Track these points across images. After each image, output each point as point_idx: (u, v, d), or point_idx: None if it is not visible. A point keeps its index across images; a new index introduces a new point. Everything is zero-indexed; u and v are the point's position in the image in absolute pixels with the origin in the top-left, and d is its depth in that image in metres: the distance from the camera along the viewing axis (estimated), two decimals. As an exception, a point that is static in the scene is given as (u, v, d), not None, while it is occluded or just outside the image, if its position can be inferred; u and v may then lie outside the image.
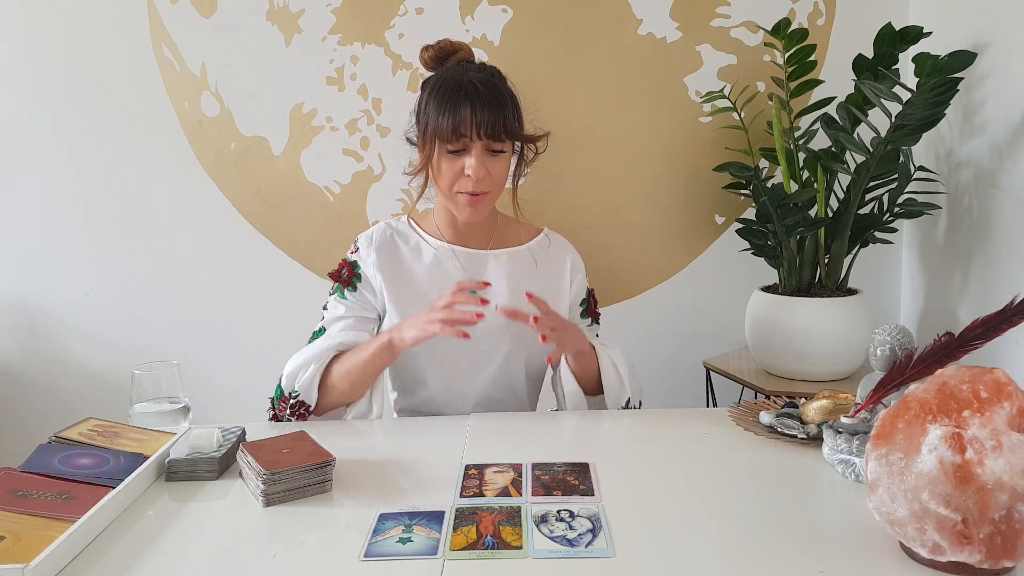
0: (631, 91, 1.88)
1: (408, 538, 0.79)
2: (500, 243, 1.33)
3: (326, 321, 1.29)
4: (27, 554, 0.70)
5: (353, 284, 1.28)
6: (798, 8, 1.85)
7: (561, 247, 1.38)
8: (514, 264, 1.32)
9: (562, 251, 1.37)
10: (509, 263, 1.31)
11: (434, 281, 1.28)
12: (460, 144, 1.17)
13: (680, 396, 2.01)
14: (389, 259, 1.29)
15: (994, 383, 0.70)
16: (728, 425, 1.11)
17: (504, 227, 1.35)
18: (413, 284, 1.28)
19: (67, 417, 1.16)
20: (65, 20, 1.86)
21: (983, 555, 0.66)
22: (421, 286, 1.28)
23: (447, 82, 1.18)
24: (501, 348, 1.28)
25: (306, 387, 1.16)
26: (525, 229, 1.36)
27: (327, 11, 1.85)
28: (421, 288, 1.27)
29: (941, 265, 1.77)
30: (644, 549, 0.76)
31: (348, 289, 1.28)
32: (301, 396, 1.16)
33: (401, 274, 1.28)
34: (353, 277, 1.28)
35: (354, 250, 1.32)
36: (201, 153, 1.92)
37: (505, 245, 1.33)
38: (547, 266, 1.34)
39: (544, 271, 1.33)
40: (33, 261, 1.97)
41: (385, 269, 1.27)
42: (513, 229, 1.35)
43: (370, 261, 1.28)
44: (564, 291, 1.35)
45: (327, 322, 1.29)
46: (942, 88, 1.44)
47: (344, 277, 1.29)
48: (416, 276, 1.28)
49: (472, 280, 1.26)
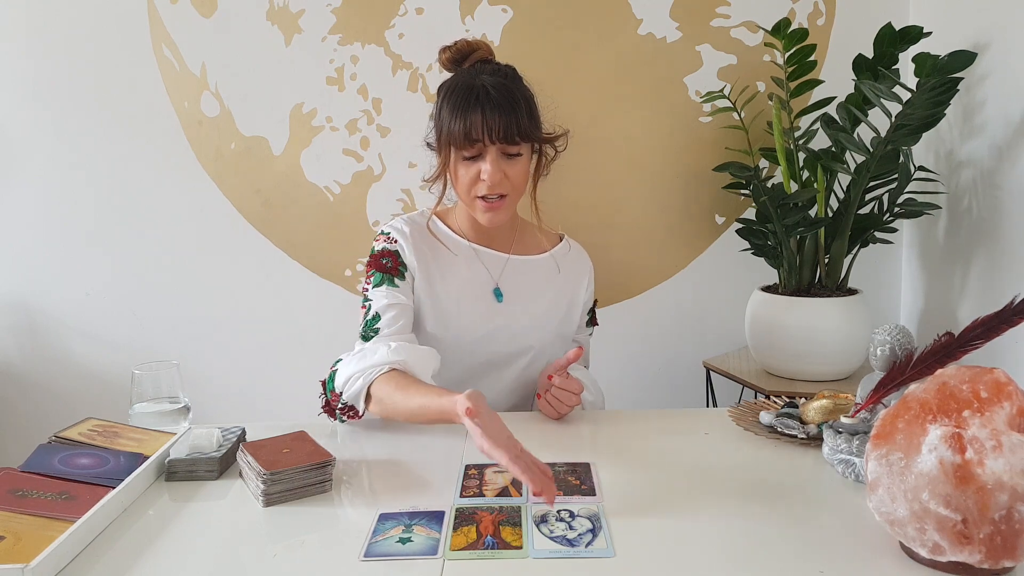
0: (631, 91, 1.88)
1: (408, 538, 0.79)
2: (521, 247, 1.33)
3: (377, 312, 1.21)
4: (27, 554, 0.70)
5: (401, 273, 1.24)
6: (798, 8, 1.85)
7: (579, 255, 1.38)
8: (536, 271, 1.32)
9: (580, 260, 1.38)
10: (531, 270, 1.31)
11: (463, 278, 1.27)
12: (475, 149, 1.16)
13: (680, 396, 2.01)
14: (424, 251, 1.26)
15: (994, 383, 0.70)
16: (728, 425, 1.11)
17: (524, 231, 1.35)
18: (443, 279, 1.26)
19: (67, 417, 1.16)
20: (65, 20, 1.86)
21: (983, 555, 0.66)
22: (450, 282, 1.26)
23: (459, 87, 1.17)
24: (524, 355, 1.29)
25: (354, 397, 1.12)
26: (546, 235, 1.36)
27: (327, 11, 1.85)
28: (449, 283, 1.26)
29: (941, 265, 1.76)
30: (644, 549, 0.76)
31: (398, 278, 1.23)
32: (351, 403, 1.14)
33: (433, 267, 1.26)
34: (400, 265, 1.24)
35: (390, 240, 1.26)
36: (201, 153, 1.92)
37: (526, 249, 1.33)
38: (567, 274, 1.34)
39: (564, 279, 1.33)
40: (33, 261, 1.97)
41: (420, 260, 1.25)
42: (533, 234, 1.35)
43: (408, 250, 1.25)
44: (580, 299, 1.36)
45: (380, 311, 1.21)
46: (942, 88, 1.44)
47: (390, 267, 1.24)
48: (446, 271, 1.27)
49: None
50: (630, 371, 2.00)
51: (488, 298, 1.27)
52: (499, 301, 1.27)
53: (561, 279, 1.33)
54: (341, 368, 1.15)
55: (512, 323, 1.26)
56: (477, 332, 1.25)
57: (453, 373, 1.27)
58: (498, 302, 1.27)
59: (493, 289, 1.27)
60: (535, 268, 1.32)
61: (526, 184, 1.24)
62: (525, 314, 1.28)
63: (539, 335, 1.29)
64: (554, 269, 1.33)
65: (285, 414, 2.00)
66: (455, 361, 1.26)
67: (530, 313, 1.28)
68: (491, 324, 1.26)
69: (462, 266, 1.27)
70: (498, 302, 1.27)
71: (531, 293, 1.29)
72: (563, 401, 1.15)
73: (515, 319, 1.27)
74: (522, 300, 1.28)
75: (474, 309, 1.26)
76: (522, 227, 1.35)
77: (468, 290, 1.26)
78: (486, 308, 1.26)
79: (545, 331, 1.30)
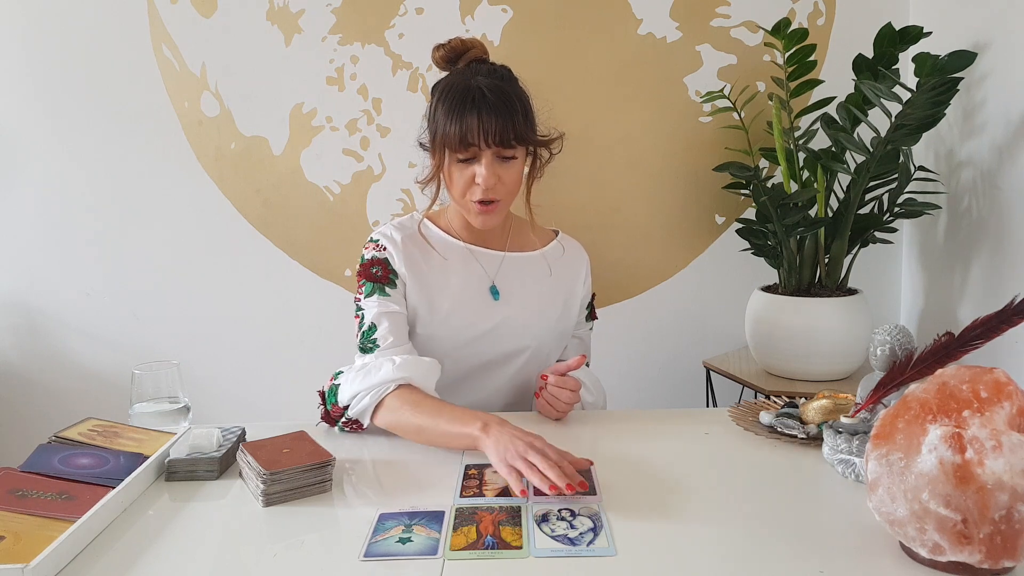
0: (631, 91, 1.88)
1: (408, 538, 0.79)
2: (516, 245, 1.32)
3: (372, 324, 1.20)
4: (27, 554, 0.70)
5: (392, 281, 1.23)
6: (798, 8, 1.85)
7: (575, 253, 1.37)
8: (532, 267, 1.31)
9: (576, 257, 1.37)
10: (525, 268, 1.31)
11: (458, 278, 1.26)
12: (469, 152, 1.15)
13: (680, 396, 2.01)
14: (414, 256, 1.25)
15: (994, 383, 0.70)
16: (728, 425, 1.11)
17: (518, 229, 1.34)
18: (437, 281, 1.25)
19: (67, 417, 1.16)
20: (65, 20, 1.86)
21: (983, 555, 0.66)
22: (445, 283, 1.26)
23: (454, 88, 1.16)
24: (522, 353, 1.28)
25: (360, 414, 1.12)
26: (539, 233, 1.35)
27: (327, 11, 1.85)
28: (444, 285, 1.25)
29: (941, 265, 1.77)
30: (645, 548, 0.76)
31: (388, 287, 1.23)
32: (355, 417, 1.13)
33: (425, 271, 1.25)
34: (390, 274, 1.23)
35: (379, 248, 1.25)
36: (201, 153, 1.92)
37: (520, 247, 1.33)
38: (561, 273, 1.33)
39: (558, 278, 1.33)
40: (33, 261, 1.97)
41: (411, 266, 1.24)
42: (527, 232, 1.35)
43: (398, 257, 1.24)
44: (578, 293, 1.35)
45: (375, 321, 1.20)
46: (942, 88, 1.44)
47: (380, 276, 1.23)
48: (440, 273, 1.26)
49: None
50: (630, 371, 2.00)
51: (484, 296, 1.26)
52: (496, 299, 1.27)
53: (557, 274, 1.33)
54: (345, 385, 1.13)
55: (509, 320, 1.26)
56: (475, 331, 1.25)
57: (451, 373, 1.26)
58: (495, 300, 1.27)
59: (489, 287, 1.27)
60: (531, 264, 1.32)
61: (519, 187, 1.23)
62: (523, 311, 1.27)
63: (537, 332, 1.28)
64: (546, 270, 1.32)
65: (285, 414, 2.00)
66: (453, 361, 1.26)
67: (527, 310, 1.28)
68: (488, 322, 1.25)
69: (457, 267, 1.27)
70: (495, 300, 1.27)
71: (527, 290, 1.29)
72: (559, 398, 1.15)
73: (512, 316, 1.26)
74: (519, 297, 1.28)
75: (471, 308, 1.25)
76: (516, 224, 1.35)
77: (464, 290, 1.26)
78: (483, 307, 1.26)
79: (543, 327, 1.29)
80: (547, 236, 1.37)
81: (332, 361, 1.21)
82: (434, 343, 1.24)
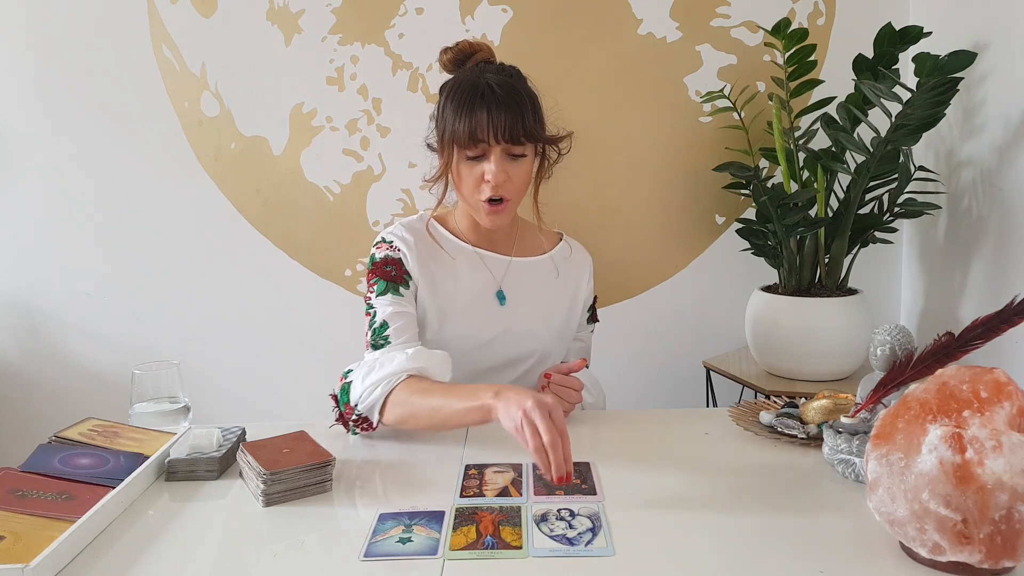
0: (631, 91, 1.88)
1: (408, 538, 0.79)
2: (523, 249, 1.32)
3: (384, 321, 1.18)
4: (27, 554, 0.70)
5: (406, 282, 1.22)
6: (798, 8, 1.85)
7: (580, 255, 1.38)
8: (538, 272, 1.31)
9: (581, 260, 1.37)
10: (531, 273, 1.30)
11: (466, 282, 1.26)
12: (479, 149, 1.14)
13: (680, 396, 2.01)
14: (426, 258, 1.25)
15: (994, 383, 0.71)
16: (728, 425, 1.11)
17: (525, 232, 1.34)
18: (446, 284, 1.25)
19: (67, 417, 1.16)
20: (65, 20, 1.86)
21: (983, 555, 0.66)
22: (453, 287, 1.25)
23: (464, 86, 1.15)
24: (528, 358, 1.28)
25: (370, 408, 1.10)
26: (546, 235, 1.35)
27: (327, 11, 1.85)
28: (453, 288, 1.25)
29: (941, 265, 1.76)
30: (644, 548, 0.76)
31: (402, 287, 1.21)
32: (366, 414, 1.11)
33: (436, 274, 1.24)
34: (404, 275, 1.22)
35: (393, 248, 1.24)
36: (201, 153, 1.92)
37: (528, 251, 1.32)
38: (568, 275, 1.33)
39: (564, 280, 1.33)
40: (33, 261, 1.97)
41: (424, 269, 1.23)
42: (534, 235, 1.34)
43: (412, 259, 1.23)
44: (581, 296, 1.35)
45: (388, 319, 1.18)
46: (942, 88, 1.44)
47: (395, 275, 1.21)
48: (449, 276, 1.25)
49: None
50: (630, 371, 2.00)
51: (491, 302, 1.26)
52: (502, 304, 1.26)
53: (563, 279, 1.33)
54: (356, 381, 1.12)
55: (516, 326, 1.26)
56: (482, 337, 1.24)
57: (456, 378, 1.26)
58: (501, 305, 1.26)
59: (496, 292, 1.27)
60: (537, 269, 1.32)
61: (528, 186, 1.23)
62: (529, 316, 1.27)
63: (543, 337, 1.28)
64: (553, 273, 1.32)
65: (285, 414, 2.00)
66: (459, 366, 1.25)
67: (534, 315, 1.28)
68: (495, 328, 1.25)
69: (464, 270, 1.26)
70: (501, 305, 1.26)
71: (534, 295, 1.29)
72: (562, 398, 1.15)
73: (519, 322, 1.26)
74: (525, 302, 1.28)
75: (478, 313, 1.25)
76: (523, 228, 1.35)
77: (471, 294, 1.25)
78: (490, 312, 1.25)
79: (549, 332, 1.29)
80: (554, 238, 1.37)
81: (332, 361, 1.20)
82: (441, 348, 1.23)
